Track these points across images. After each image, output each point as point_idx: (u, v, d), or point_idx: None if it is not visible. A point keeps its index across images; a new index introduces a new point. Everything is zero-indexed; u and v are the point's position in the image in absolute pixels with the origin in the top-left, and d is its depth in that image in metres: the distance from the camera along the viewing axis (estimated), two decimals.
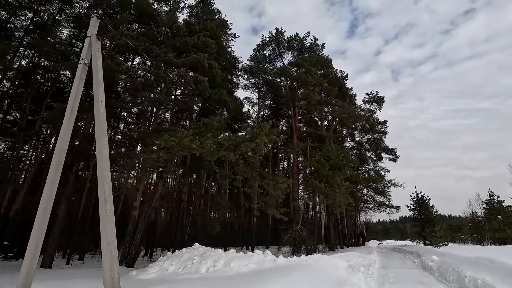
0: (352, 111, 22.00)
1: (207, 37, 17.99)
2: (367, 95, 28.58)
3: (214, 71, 17.08)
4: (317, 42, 29.65)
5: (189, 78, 14.51)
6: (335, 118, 28.02)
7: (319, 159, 19.00)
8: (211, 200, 17.53)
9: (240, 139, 11.20)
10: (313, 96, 20.46)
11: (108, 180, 6.87)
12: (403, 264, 15.33)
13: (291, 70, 22.83)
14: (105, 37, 14.85)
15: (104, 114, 7.81)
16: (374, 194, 33.40)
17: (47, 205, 7.03)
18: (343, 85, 29.74)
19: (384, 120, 32.80)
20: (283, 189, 11.92)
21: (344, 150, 20.85)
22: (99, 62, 8.23)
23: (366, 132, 32.79)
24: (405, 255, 20.78)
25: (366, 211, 36.91)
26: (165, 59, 15.28)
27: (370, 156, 34.64)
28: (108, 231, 6.21)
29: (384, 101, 28.52)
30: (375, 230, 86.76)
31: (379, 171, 32.75)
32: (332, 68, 28.75)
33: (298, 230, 18.01)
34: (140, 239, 14.55)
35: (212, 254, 9.32)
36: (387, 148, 32.15)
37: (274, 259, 8.84)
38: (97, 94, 7.81)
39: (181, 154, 10.88)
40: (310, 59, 23.87)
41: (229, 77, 29.51)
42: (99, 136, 7.40)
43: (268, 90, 30.98)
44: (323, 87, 24.28)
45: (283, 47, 26.68)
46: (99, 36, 8.25)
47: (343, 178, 19.10)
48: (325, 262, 8.69)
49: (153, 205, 15.06)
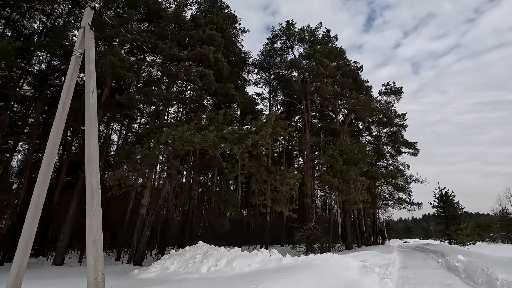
0: (367, 103, 20.85)
1: (213, 30, 17.55)
2: (384, 86, 27.18)
3: (220, 65, 16.60)
4: (329, 33, 28.54)
5: (193, 72, 14.09)
6: (350, 112, 26.85)
7: (332, 154, 18.10)
8: (220, 198, 17.09)
9: (244, 132, 10.64)
10: (325, 88, 19.54)
11: (96, 173, 6.50)
12: (426, 264, 14.24)
13: (302, 62, 21.99)
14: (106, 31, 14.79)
15: (94, 105, 7.48)
16: (393, 190, 31.86)
17: (38, 201, 6.71)
18: (357, 77, 28.45)
19: (403, 113, 31.16)
20: (291, 184, 11.25)
21: (359, 144, 19.79)
22: (91, 53, 7.97)
23: (383, 125, 31.27)
24: (428, 254, 19.51)
25: (385, 208, 35.35)
26: (170, 54, 14.97)
27: (389, 150, 33.05)
28: (95, 227, 5.81)
29: (402, 92, 27.00)
30: (396, 228, 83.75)
31: (399, 166, 31.16)
32: (346, 59, 27.56)
33: (311, 228, 17.23)
34: (148, 237, 14.32)
35: (215, 253, 8.82)
36: (407, 141, 30.49)
37: (279, 259, 8.21)
38: (88, 84, 7.53)
39: (184, 148, 10.45)
40: (322, 50, 22.92)
41: (238, 72, 28.99)
42: (89, 127, 7.06)
43: (280, 85, 30.23)
44: (336, 79, 23.24)
45: (294, 39, 25.84)
46: (92, 26, 8.03)
47: (358, 173, 18.11)
48: (335, 262, 7.96)
49: (160, 202, 14.81)
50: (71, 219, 15.70)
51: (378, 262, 15.29)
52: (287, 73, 25.49)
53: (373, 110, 22.20)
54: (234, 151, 10.23)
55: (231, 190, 15.97)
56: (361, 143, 20.46)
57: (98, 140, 17.00)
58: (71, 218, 15.66)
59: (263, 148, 10.90)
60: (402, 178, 29.25)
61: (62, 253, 15.05)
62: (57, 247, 15.12)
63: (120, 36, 15.00)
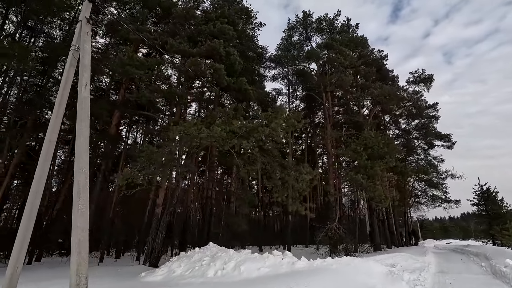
0: (393, 92, 19.21)
1: (224, 24, 17.00)
2: (412, 74, 25.07)
3: (232, 59, 15.99)
4: (350, 23, 27.00)
5: (203, 66, 13.61)
6: (375, 104, 25.17)
7: (355, 148, 16.80)
8: (236, 196, 16.54)
9: (254, 126, 9.90)
10: (345, 79, 18.27)
11: (85, 170, 6.07)
12: (467, 268, 12.65)
13: (320, 53, 20.82)
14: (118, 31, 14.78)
15: (87, 99, 7.13)
16: (426, 187, 29.48)
17: (35, 199, 6.44)
18: (382, 66, 26.62)
19: (435, 103, 28.70)
20: (307, 181, 10.32)
21: (385, 137, 18.26)
22: (86, 45, 7.69)
23: (413, 117, 28.98)
24: (469, 257, 17.57)
25: (418, 206, 32.93)
26: (180, 50, 14.61)
27: (420, 144, 30.67)
28: (80, 228, 5.36)
29: (433, 80, 24.74)
30: (432, 228, 78.57)
31: (431, 161, 28.74)
32: (368, 48, 25.91)
33: (334, 228, 16.09)
34: (163, 237, 14.02)
35: (223, 255, 8.16)
36: (440, 134, 28.01)
37: (292, 262, 7.36)
38: (82, 77, 7.23)
39: (191, 145, 9.94)
40: (342, 39, 21.61)
41: (255, 67, 28.25)
42: (80, 122, 6.68)
43: (299, 80, 29.11)
44: (358, 69, 21.81)
45: (312, 30, 24.64)
46: (89, 20, 7.80)
47: (385, 169, 16.68)
48: (355, 266, 6.97)
49: (175, 202, 14.47)
50: (90, 220, 15.86)
51: (410, 266, 13.85)
52: (306, 66, 24.38)
53: (400, 100, 20.44)
54: (244, 146, 9.53)
55: (246, 187, 15.31)
56: (387, 136, 18.88)
57: (118, 142, 17.03)
58: (89, 219, 15.82)
59: (275, 142, 10.09)
60: (436, 174, 26.90)
61: None
62: None
63: (131, 35, 14.93)
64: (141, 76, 13.08)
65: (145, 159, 10.98)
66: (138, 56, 13.46)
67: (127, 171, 10.18)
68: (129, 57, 13.24)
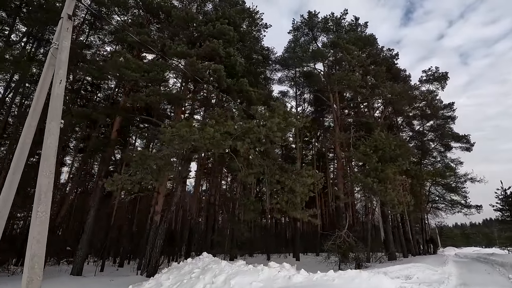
0: (404, 91, 18.13)
1: (225, 24, 16.54)
2: (425, 73, 23.82)
3: (232, 60, 15.44)
4: (358, 22, 26.14)
5: (200, 67, 13.09)
6: (386, 104, 24.05)
7: (364, 150, 15.80)
8: (239, 203, 15.80)
9: (249, 125, 9.19)
10: (353, 77, 17.38)
11: (50, 174, 5.47)
12: (492, 280, 11.40)
13: (325, 52, 20.04)
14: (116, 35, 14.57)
15: (60, 96, 6.64)
16: (444, 191, 27.79)
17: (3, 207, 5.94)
18: (393, 65, 25.49)
19: (450, 102, 27.19)
20: (309, 184, 9.48)
21: (397, 138, 17.16)
22: (65, 42, 7.29)
23: (427, 118, 27.53)
24: (494, 267, 16.08)
25: (436, 212, 31.12)
26: (178, 52, 14.16)
27: (435, 146, 29.08)
28: (36, 239, 4.73)
29: (448, 77, 23.42)
30: (452, 235, 74.86)
31: (449, 163, 27.11)
32: (377, 47, 24.91)
33: (343, 235, 15.03)
34: (161, 246, 13.41)
35: (214, 267, 7.40)
36: (457, 135, 26.42)
37: (288, 276, 6.52)
38: (57, 74, 6.80)
39: (183, 147, 9.32)
40: (349, 37, 20.76)
41: (260, 70, 27.72)
42: (50, 121, 6.15)
43: (306, 82, 28.33)
44: (367, 68, 20.86)
45: (318, 30, 23.92)
46: (71, 16, 7.44)
47: (397, 172, 15.56)
48: (361, 281, 6.06)
49: (173, 209, 13.88)
50: (90, 227, 15.47)
51: (428, 278, 12.64)
52: (312, 67, 23.64)
53: (412, 100, 19.30)
54: (238, 148, 8.84)
55: (248, 193, 14.57)
56: (399, 137, 17.75)
57: (119, 148, 16.52)
58: (89, 226, 15.44)
59: (274, 144, 9.35)
60: (454, 177, 25.27)
61: (81, 262, 14.76)
62: (76, 256, 14.93)
63: (129, 38, 14.67)
64: (137, 79, 12.68)
65: (138, 164, 10.45)
66: (133, 59, 13.09)
67: (116, 176, 9.65)
68: (125, 59, 12.91)
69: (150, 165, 10.08)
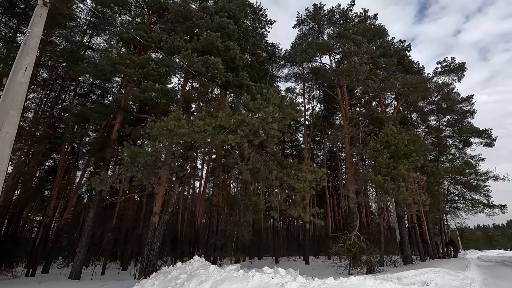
0: (418, 81, 16.88)
1: (224, 18, 15.91)
2: (440, 64, 22.32)
3: (232, 53, 14.77)
4: (367, 14, 25.01)
5: (196, 61, 12.46)
6: (398, 97, 22.78)
7: (374, 146, 14.72)
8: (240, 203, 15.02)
9: (242, 117, 8.44)
10: (360, 68, 16.33)
11: (3, 167, 4.93)
12: None
13: (331, 44, 19.06)
14: None
15: (24, 85, 6.14)
16: (464, 190, 26.05)
17: None
18: (404, 57, 24.19)
19: (469, 95, 25.51)
20: (310, 180, 8.60)
21: (410, 133, 15.95)
22: (37, 28, 6.87)
23: (443, 113, 25.94)
24: None
25: (456, 213, 29.32)
26: (173, 46, 13.61)
27: (453, 143, 27.38)
28: None
29: (465, 68, 21.85)
30: (473, 237, 71.37)
31: (468, 160, 25.37)
32: (387, 40, 23.69)
33: (353, 237, 13.97)
34: (159, 249, 12.78)
35: (201, 273, 6.66)
36: (477, 129, 24.69)
37: (281, 284, 5.69)
38: (23, 60, 6.34)
39: (172, 142, 8.67)
40: (356, 28, 19.72)
41: (266, 66, 27.06)
42: (10, 110, 5.68)
43: (313, 78, 27.37)
44: (376, 60, 19.75)
45: (324, 23, 22.96)
46: (46, 2, 7.02)
47: (411, 169, 14.41)
48: None
49: (171, 210, 13.25)
50: (89, 229, 15.09)
51: (448, 284, 11.46)
52: (317, 62, 22.67)
53: (425, 91, 17.96)
54: (230, 141, 8.09)
55: (249, 192, 13.81)
56: (413, 132, 16.52)
57: (119, 147, 15.93)
58: (88, 229, 15.06)
59: (270, 136, 8.54)
60: (475, 175, 23.57)
61: (79, 266, 14.36)
62: (74, 259, 14.56)
63: (124, 34, 14.26)
64: (131, 74, 12.18)
65: (128, 162, 9.88)
66: (128, 54, 12.62)
67: (104, 175, 9.10)
68: (119, 54, 12.46)
69: (141, 163, 9.47)
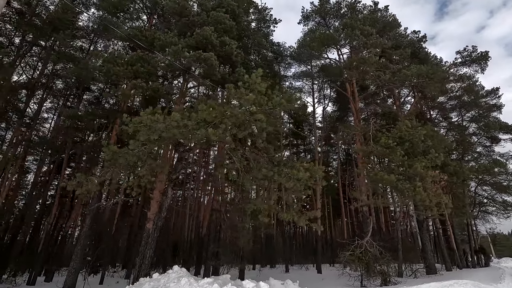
0: (434, 71, 15.30)
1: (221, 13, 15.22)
2: (460, 54, 20.48)
3: (227, 49, 13.98)
4: (377, 7, 23.68)
5: (188, 56, 11.74)
6: (416, 94, 21.13)
7: (386, 142, 13.32)
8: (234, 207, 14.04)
9: (224, 108, 7.51)
10: (368, 60, 15.07)
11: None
12: None
13: (337, 37, 17.88)
14: None
15: None
16: (494, 192, 23.65)
17: None
18: (420, 49, 22.50)
19: (494, 87, 23.28)
20: (304, 179, 7.49)
21: (427, 127, 14.39)
22: None
23: (466, 108, 23.82)
24: None
25: (485, 217, 26.77)
26: (165, 42, 13.00)
27: (479, 140, 25.09)
28: None
29: (489, 57, 19.89)
30: (508, 244, 65.88)
31: (497, 158, 23.03)
32: (399, 33, 22.23)
33: (365, 245, 12.54)
34: (151, 257, 12.00)
35: (171, 287, 5.71)
36: (505, 125, 22.42)
37: None
38: None
39: (150, 139, 7.86)
40: (364, 19, 18.50)
41: (274, 67, 26.33)
42: None
43: (322, 76, 26.13)
44: (388, 52, 18.38)
45: (330, 17, 21.84)
46: None
47: (429, 167, 12.88)
48: None
49: (164, 214, 12.45)
50: (85, 237, 14.58)
51: None
52: (325, 57, 21.49)
53: (443, 82, 16.26)
54: (210, 135, 7.17)
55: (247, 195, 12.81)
56: (430, 126, 14.92)
57: None
58: (84, 236, 14.55)
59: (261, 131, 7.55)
60: (505, 174, 21.27)
61: (74, 274, 13.81)
62: (69, 267, 14.03)
63: (115, 33, 13.88)
64: (120, 73, 11.64)
65: (110, 163, 9.19)
66: (119, 53, 12.13)
67: (80, 176, 8.42)
68: (110, 53, 12.00)
69: (121, 163, 8.74)
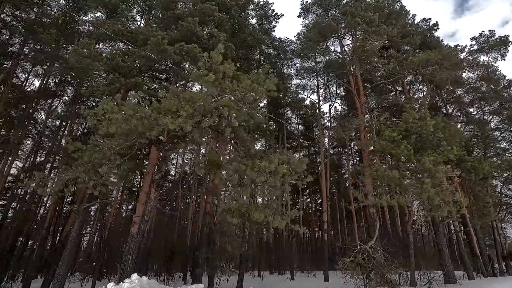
0: (444, 56, 13.79)
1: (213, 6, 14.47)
2: (475, 40, 18.65)
3: (215, 41, 13.17)
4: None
5: (168, 49, 11.01)
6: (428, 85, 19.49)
7: (390, 135, 11.98)
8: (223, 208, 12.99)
9: (187, 94, 6.61)
10: (369, 47, 13.82)
11: None
12: None
13: (336, 26, 16.71)
14: None
15: None
16: None
17: None
18: (430, 38, 20.84)
19: None
20: (282, 174, 6.43)
21: (438, 118, 12.91)
22: None
23: (486, 100, 21.78)
24: None
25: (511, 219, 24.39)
26: (147, 36, 12.35)
27: (502, 135, 22.93)
28: None
29: (509, 42, 18.04)
30: None
31: None
32: (407, 18, 20.74)
33: (367, 250, 11.19)
34: (133, 264, 11.20)
35: None
36: None
37: None
38: None
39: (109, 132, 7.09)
40: (366, 5, 17.27)
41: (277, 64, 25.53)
42: None
43: (326, 71, 24.94)
44: (394, 40, 17.01)
45: (332, 8, 20.69)
46: None
47: (440, 161, 11.42)
48: None
49: (147, 218, 11.66)
50: (73, 241, 14.02)
51: None
52: (326, 51, 20.34)
53: (456, 67, 14.64)
54: (168, 123, 6.29)
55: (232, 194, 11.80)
56: (440, 117, 13.38)
57: None
58: (73, 241, 14.00)
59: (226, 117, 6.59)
60: None
61: (61, 281, 13.23)
62: (55, 274, 13.47)
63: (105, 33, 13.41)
64: (99, 67, 11.08)
65: (77, 162, 8.50)
66: (96, 47, 11.60)
67: (40, 175, 7.75)
68: (88, 48, 11.46)
69: (85, 160, 8.02)
